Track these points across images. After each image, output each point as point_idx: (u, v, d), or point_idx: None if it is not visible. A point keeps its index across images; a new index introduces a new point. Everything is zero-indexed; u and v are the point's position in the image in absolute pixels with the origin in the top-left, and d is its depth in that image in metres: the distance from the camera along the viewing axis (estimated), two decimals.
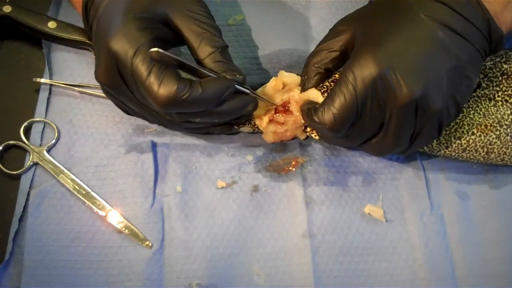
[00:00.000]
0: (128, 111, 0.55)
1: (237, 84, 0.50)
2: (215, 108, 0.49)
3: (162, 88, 0.46)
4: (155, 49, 0.45)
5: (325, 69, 0.53)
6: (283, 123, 0.55)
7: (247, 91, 0.51)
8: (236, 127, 0.57)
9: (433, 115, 0.47)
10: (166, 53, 0.46)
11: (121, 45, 0.47)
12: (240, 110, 0.51)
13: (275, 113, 0.55)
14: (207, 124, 0.54)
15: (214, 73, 0.50)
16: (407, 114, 0.47)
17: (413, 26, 0.48)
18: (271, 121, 0.55)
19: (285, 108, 0.55)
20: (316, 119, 0.49)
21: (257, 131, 0.57)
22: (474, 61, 0.49)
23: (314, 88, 0.53)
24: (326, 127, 0.49)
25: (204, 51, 0.50)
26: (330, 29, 0.54)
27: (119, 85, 0.49)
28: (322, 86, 0.54)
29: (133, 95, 0.50)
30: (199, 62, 0.51)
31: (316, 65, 0.53)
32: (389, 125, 0.48)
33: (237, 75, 0.50)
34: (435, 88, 0.46)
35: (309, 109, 0.51)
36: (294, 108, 0.54)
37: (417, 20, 0.48)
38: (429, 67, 0.47)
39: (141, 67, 0.47)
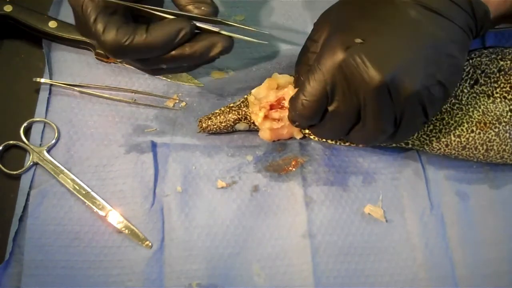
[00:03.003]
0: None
1: (201, 22, 0.45)
2: (172, 53, 0.47)
3: (106, 34, 0.46)
4: None
5: None
6: (278, 120, 0.55)
7: (215, 29, 0.46)
8: (232, 124, 0.57)
9: (410, 96, 0.45)
10: None
11: None
12: (206, 53, 0.48)
13: (270, 109, 0.55)
14: (178, 69, 0.53)
15: (173, 13, 0.46)
16: (381, 98, 0.45)
17: (383, 8, 0.47)
18: (266, 117, 0.55)
19: (280, 104, 0.55)
20: (290, 106, 0.49)
21: (253, 128, 0.57)
22: (457, 38, 0.47)
23: None
24: (297, 113, 0.49)
25: None
26: (314, 23, 0.53)
27: (87, 35, 0.51)
28: None
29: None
30: None
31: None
32: (366, 111, 0.47)
33: (203, 8, 0.46)
34: (409, 69, 0.45)
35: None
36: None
37: (387, 1, 0.47)
38: (399, 48, 0.45)
39: (89, 14, 0.47)
